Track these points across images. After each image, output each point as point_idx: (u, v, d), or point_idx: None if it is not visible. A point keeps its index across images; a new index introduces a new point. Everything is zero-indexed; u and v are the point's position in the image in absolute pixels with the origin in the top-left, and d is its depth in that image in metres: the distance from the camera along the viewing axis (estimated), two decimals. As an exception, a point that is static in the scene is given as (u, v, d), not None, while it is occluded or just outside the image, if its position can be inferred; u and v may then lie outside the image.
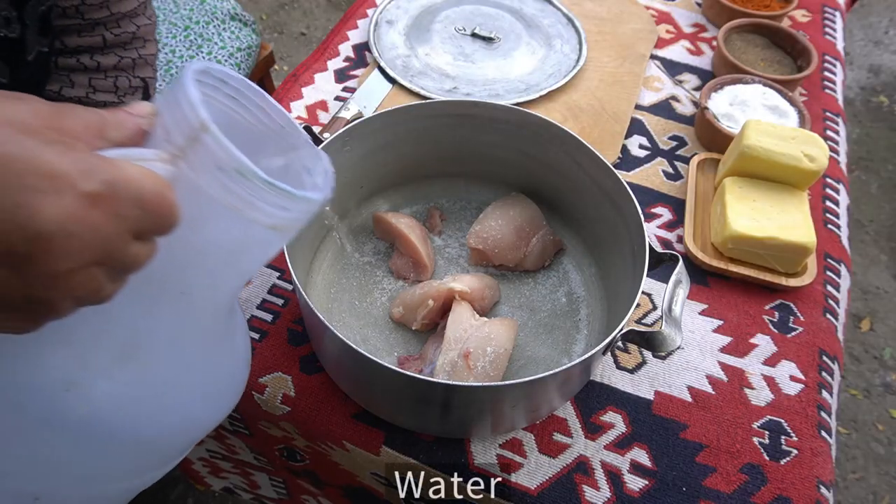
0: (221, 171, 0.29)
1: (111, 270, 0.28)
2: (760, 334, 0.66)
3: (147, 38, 0.64)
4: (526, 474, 0.56)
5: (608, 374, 0.62)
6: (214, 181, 0.29)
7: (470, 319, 0.58)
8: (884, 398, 1.47)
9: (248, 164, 0.29)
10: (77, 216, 0.25)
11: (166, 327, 0.35)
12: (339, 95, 0.86)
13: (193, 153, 0.29)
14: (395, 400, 0.55)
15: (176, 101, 0.29)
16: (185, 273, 0.33)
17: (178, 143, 0.29)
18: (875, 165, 1.94)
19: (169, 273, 0.32)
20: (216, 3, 1.23)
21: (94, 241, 0.26)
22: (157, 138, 0.30)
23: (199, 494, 1.23)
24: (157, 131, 0.30)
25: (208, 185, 0.29)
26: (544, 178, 0.69)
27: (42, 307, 0.27)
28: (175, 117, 0.29)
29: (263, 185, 0.29)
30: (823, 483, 0.57)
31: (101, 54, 0.61)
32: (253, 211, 0.30)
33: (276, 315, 0.64)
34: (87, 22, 0.58)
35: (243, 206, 0.30)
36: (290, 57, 2.12)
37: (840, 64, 0.98)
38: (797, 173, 0.70)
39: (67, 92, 0.61)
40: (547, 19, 0.98)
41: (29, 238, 0.24)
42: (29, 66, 0.50)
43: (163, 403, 0.37)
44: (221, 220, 0.30)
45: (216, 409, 0.43)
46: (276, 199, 0.30)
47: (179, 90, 0.29)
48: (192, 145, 0.28)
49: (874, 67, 2.22)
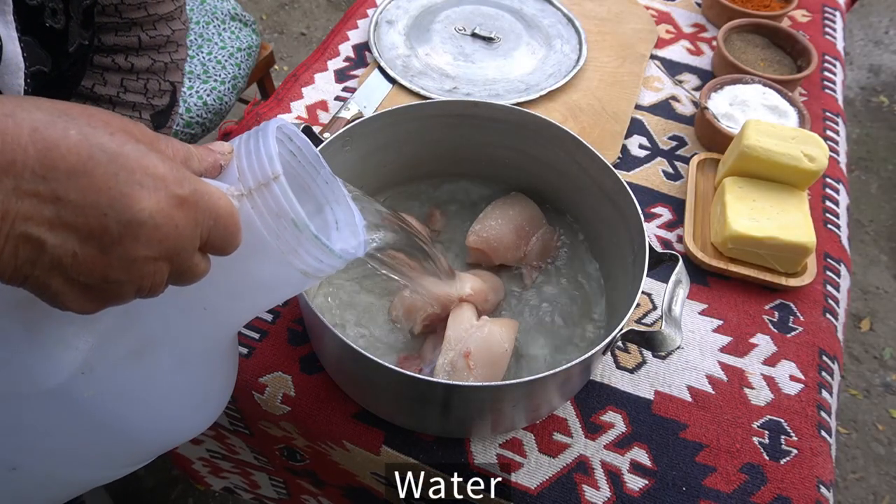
0: (279, 217, 0.33)
1: (173, 272, 0.31)
2: (760, 334, 0.66)
3: (180, 43, 0.66)
4: (526, 474, 0.56)
5: (608, 373, 0.62)
6: (271, 224, 0.33)
7: (471, 319, 0.58)
8: (884, 398, 1.47)
9: (304, 217, 0.33)
10: (165, 212, 0.29)
11: (182, 336, 0.38)
12: (339, 95, 0.86)
13: (260, 196, 0.33)
14: (395, 400, 0.55)
15: (256, 149, 0.34)
16: (215, 294, 0.36)
17: (249, 185, 0.33)
18: (875, 165, 1.94)
19: (202, 290, 0.35)
20: (216, 3, 1.23)
21: (172, 236, 0.29)
22: (230, 175, 0.34)
23: (199, 494, 1.23)
24: (231, 169, 0.34)
25: (265, 225, 0.33)
26: (544, 178, 0.69)
27: (112, 289, 0.30)
28: (251, 163, 0.34)
29: (311, 238, 0.34)
30: (823, 483, 0.57)
31: (135, 55, 0.62)
32: (293, 257, 0.34)
33: (276, 315, 0.64)
34: (124, 21, 0.60)
35: (287, 251, 0.34)
36: (290, 57, 2.12)
37: (840, 64, 0.98)
38: (797, 173, 0.70)
39: (99, 89, 0.61)
40: (547, 19, 0.98)
41: (123, 222, 0.28)
42: (70, 57, 0.52)
43: (160, 405, 0.39)
44: (264, 257, 0.34)
45: (201, 421, 0.45)
46: (316, 252, 0.35)
47: (261, 141, 0.34)
48: (260, 190, 0.33)
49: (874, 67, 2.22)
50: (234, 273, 0.35)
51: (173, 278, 0.32)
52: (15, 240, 0.27)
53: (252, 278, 0.36)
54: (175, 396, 0.41)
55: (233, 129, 0.79)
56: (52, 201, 0.27)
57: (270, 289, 0.38)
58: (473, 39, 0.93)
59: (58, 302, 0.29)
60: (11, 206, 0.26)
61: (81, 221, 0.27)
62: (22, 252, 0.27)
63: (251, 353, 0.61)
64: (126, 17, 0.60)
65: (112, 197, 0.27)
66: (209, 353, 0.42)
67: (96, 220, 0.27)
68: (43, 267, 0.28)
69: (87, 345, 0.34)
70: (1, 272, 0.27)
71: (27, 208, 0.26)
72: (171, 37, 0.63)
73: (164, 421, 0.41)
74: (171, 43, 0.64)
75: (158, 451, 0.45)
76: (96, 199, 0.27)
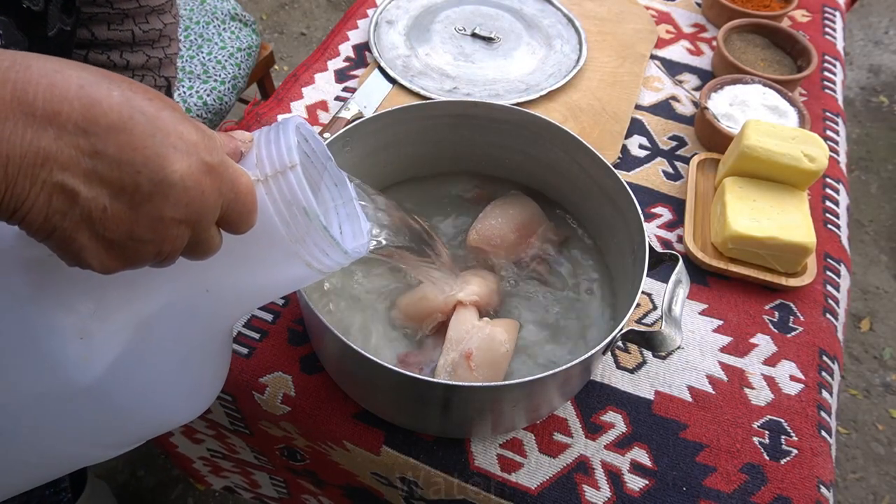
0: (292, 205, 0.34)
1: (191, 241, 0.32)
2: (760, 334, 0.66)
3: (172, 37, 0.66)
4: (526, 474, 0.56)
5: (608, 373, 0.62)
6: (283, 211, 0.34)
7: (472, 320, 0.58)
8: (884, 398, 1.47)
9: (315, 207, 0.34)
10: (195, 177, 0.30)
11: (181, 317, 0.38)
12: (339, 95, 0.86)
13: (276, 184, 0.34)
14: (395, 400, 0.55)
15: (276, 139, 0.35)
16: (219, 276, 0.37)
17: (266, 172, 0.34)
18: (875, 165, 1.94)
19: (208, 270, 0.36)
20: (216, 3, 1.23)
21: (198, 201, 0.30)
22: (249, 163, 0.35)
23: (200, 494, 1.23)
24: (250, 157, 0.35)
25: (277, 212, 0.34)
26: (544, 178, 0.69)
27: (135, 247, 0.30)
28: (270, 151, 0.35)
29: (320, 228, 0.35)
30: (823, 483, 0.57)
31: (130, 52, 0.63)
32: (300, 246, 0.35)
33: (276, 315, 0.64)
34: (115, 12, 0.60)
35: (295, 240, 0.35)
36: (290, 57, 2.12)
37: (840, 64, 0.98)
38: (797, 173, 0.70)
39: None
40: (547, 19, 0.98)
41: (156, 181, 0.29)
42: (49, 41, 0.52)
43: (151, 383, 0.40)
44: (272, 244, 0.35)
45: (191, 408, 0.45)
46: (322, 243, 0.35)
47: (282, 133, 0.35)
48: (276, 177, 0.34)
49: (874, 67, 2.22)
50: (240, 257, 0.36)
51: (189, 249, 0.32)
52: (50, 188, 0.27)
53: (257, 266, 0.37)
54: (167, 378, 0.41)
55: (233, 130, 0.79)
56: (91, 154, 0.27)
57: (273, 279, 0.39)
58: (473, 39, 0.93)
59: (80, 257, 0.30)
60: (52, 154, 0.27)
61: (115, 176, 0.28)
62: (55, 202, 0.27)
63: (251, 353, 0.61)
64: (117, 7, 0.60)
65: (147, 156, 0.28)
66: (205, 340, 0.42)
67: (130, 177, 0.28)
68: (73, 219, 0.28)
69: (89, 311, 0.34)
70: (31, 221, 0.28)
71: (66, 158, 0.27)
72: (163, 31, 0.63)
73: (153, 401, 0.41)
74: (164, 37, 0.64)
75: (147, 433, 0.44)
76: (132, 157, 0.28)
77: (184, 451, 0.79)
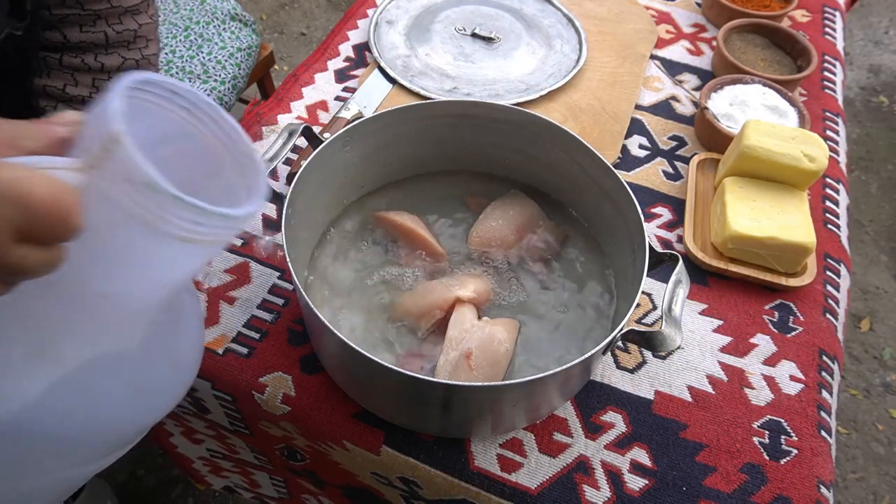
0: (131, 183, 0.29)
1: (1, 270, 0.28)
2: (760, 334, 0.66)
3: (149, 38, 0.64)
4: (526, 474, 0.56)
5: (608, 373, 0.62)
6: (123, 193, 0.29)
7: (472, 319, 0.58)
8: (884, 398, 1.47)
9: (157, 177, 0.29)
10: None
11: (85, 328, 0.35)
12: (339, 95, 0.86)
13: (106, 164, 0.29)
14: (395, 400, 0.55)
15: (99, 111, 0.29)
16: (100, 278, 0.33)
17: (93, 153, 0.29)
18: (875, 165, 1.94)
19: (83, 277, 0.32)
20: (216, 3, 1.23)
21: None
22: (80, 147, 0.30)
23: (200, 494, 1.23)
24: (80, 140, 0.30)
25: (117, 196, 0.29)
26: (544, 178, 0.69)
27: None
28: (93, 128, 0.29)
29: (173, 199, 0.29)
30: (823, 483, 0.57)
31: (104, 54, 0.61)
32: (164, 224, 0.30)
33: (276, 315, 0.64)
34: (87, 13, 0.59)
35: (153, 219, 0.30)
36: (290, 57, 2.12)
37: (840, 64, 0.98)
38: (797, 173, 0.70)
39: (71, 90, 0.61)
40: (547, 19, 0.98)
41: None
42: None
43: (84, 402, 0.37)
44: (133, 230, 0.30)
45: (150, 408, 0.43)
46: (187, 214, 0.30)
47: (103, 101, 0.29)
48: (104, 156, 0.28)
49: (874, 67, 2.22)
50: (108, 253, 0.32)
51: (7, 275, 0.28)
52: None
53: (132, 255, 0.32)
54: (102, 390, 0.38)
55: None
56: None
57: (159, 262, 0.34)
58: (473, 39, 0.93)
59: None
60: None
61: None
62: None
63: (251, 353, 0.61)
64: (88, 8, 0.59)
65: None
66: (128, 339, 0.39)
67: None
68: None
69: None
70: None
71: None
72: (138, 31, 0.62)
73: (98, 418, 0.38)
74: (140, 38, 0.63)
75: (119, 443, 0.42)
76: None
77: (183, 452, 0.79)
